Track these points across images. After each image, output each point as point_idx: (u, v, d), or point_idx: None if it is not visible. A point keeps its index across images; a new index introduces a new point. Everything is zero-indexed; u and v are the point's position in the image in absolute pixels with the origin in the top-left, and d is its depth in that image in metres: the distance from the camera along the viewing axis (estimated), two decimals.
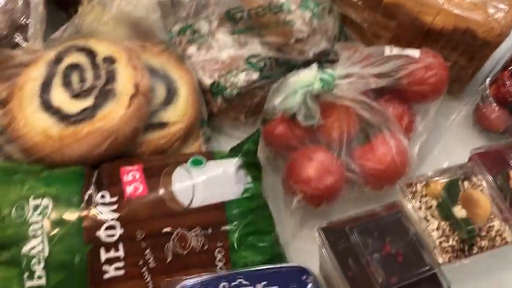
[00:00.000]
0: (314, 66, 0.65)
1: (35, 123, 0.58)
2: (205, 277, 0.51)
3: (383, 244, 0.54)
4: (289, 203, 0.67)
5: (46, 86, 0.60)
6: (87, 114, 0.58)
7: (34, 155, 0.58)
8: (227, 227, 0.55)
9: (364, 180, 0.65)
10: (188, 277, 0.51)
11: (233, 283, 0.51)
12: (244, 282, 0.52)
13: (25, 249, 0.50)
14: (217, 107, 0.70)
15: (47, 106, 0.59)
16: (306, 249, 0.63)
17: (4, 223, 0.51)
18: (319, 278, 0.58)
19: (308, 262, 0.59)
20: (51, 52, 0.63)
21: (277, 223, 0.62)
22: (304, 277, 0.53)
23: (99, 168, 0.57)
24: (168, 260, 0.53)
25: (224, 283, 0.51)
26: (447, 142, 0.78)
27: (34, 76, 0.61)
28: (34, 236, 0.51)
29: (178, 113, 0.64)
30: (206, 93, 0.70)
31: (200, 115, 0.67)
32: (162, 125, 0.63)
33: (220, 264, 0.54)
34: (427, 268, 0.53)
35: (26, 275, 0.50)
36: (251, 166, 0.60)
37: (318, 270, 0.63)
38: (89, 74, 0.61)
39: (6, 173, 0.54)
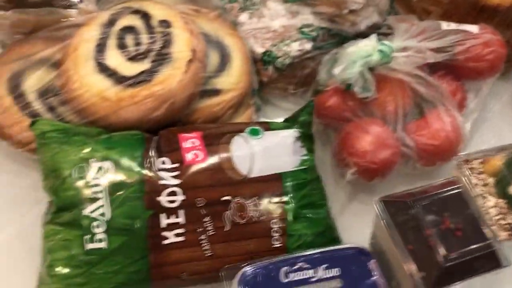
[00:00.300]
0: (373, 37, 0.63)
1: (90, 85, 0.57)
2: (265, 262, 0.51)
3: (442, 218, 0.54)
4: (340, 177, 0.67)
5: (100, 48, 0.59)
6: (144, 78, 0.57)
7: (89, 117, 0.57)
8: (284, 199, 0.54)
9: (418, 156, 0.64)
10: (249, 263, 0.51)
11: (294, 267, 0.51)
12: (305, 266, 0.51)
13: (86, 211, 0.50)
14: (268, 76, 0.68)
15: (103, 68, 0.58)
16: (353, 224, 0.63)
17: (65, 184, 0.51)
18: None
19: (355, 237, 0.60)
20: (104, 14, 0.61)
21: None
22: (364, 258, 0.53)
23: (157, 134, 0.56)
24: (226, 228, 0.52)
25: (285, 268, 0.51)
26: (494, 122, 0.76)
27: (88, 37, 0.59)
28: (95, 199, 0.50)
29: (232, 81, 0.63)
30: (256, 62, 0.68)
31: (251, 84, 0.66)
32: (216, 92, 0.62)
33: (276, 236, 0.54)
34: (487, 244, 0.52)
35: (87, 237, 0.50)
36: (306, 138, 0.59)
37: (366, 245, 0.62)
38: (144, 37, 0.60)
39: (66, 134, 0.53)
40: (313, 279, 0.52)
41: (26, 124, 0.58)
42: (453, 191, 0.56)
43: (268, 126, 0.58)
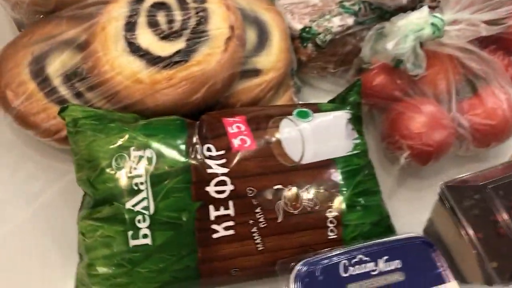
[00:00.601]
0: (425, 9, 0.58)
1: (122, 67, 0.52)
2: (322, 255, 0.47)
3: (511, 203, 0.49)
4: (388, 162, 0.62)
5: (130, 27, 0.54)
6: (180, 58, 0.52)
7: (121, 102, 0.52)
8: (338, 186, 0.50)
9: (472, 136, 0.59)
10: (305, 256, 0.47)
11: (353, 260, 0.47)
12: (365, 259, 0.48)
13: (128, 204, 0.46)
14: (306, 55, 0.63)
15: (135, 48, 0.53)
16: (402, 212, 0.59)
17: (104, 176, 0.46)
18: None
19: (406, 226, 0.55)
20: None
21: None
22: (426, 249, 0.49)
23: (196, 119, 0.51)
24: (279, 220, 0.48)
25: (344, 261, 0.47)
26: None
27: (117, 15, 0.54)
28: (138, 191, 0.46)
29: (272, 59, 0.58)
30: (293, 40, 0.63)
31: (291, 63, 0.61)
32: (256, 72, 0.57)
33: (331, 226, 0.50)
34: None
35: (130, 233, 0.45)
36: (357, 119, 0.55)
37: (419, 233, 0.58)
38: (177, 14, 0.54)
39: (100, 120, 0.49)
40: (374, 273, 0.49)
41: (53, 111, 0.53)
42: None
43: (317, 108, 0.53)
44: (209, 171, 0.47)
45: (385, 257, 0.49)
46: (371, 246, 0.49)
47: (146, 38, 0.54)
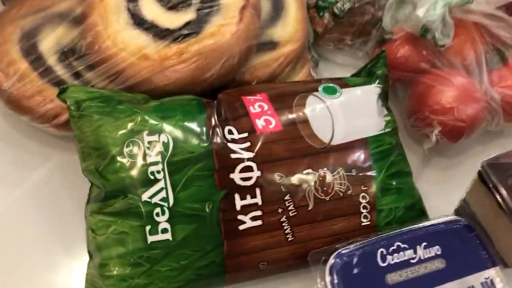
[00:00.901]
0: None
1: (126, 42, 0.46)
2: (358, 244, 0.44)
3: None
4: (412, 139, 0.58)
5: None
6: (191, 30, 0.46)
7: (126, 81, 0.47)
8: (372, 168, 0.46)
9: (503, 110, 0.56)
10: (340, 245, 0.43)
11: (391, 248, 0.44)
12: (403, 246, 0.44)
13: (145, 196, 0.40)
14: (323, 25, 0.58)
15: (139, 20, 0.47)
16: (430, 193, 0.55)
17: (115, 165, 0.41)
18: None
19: (432, 206, 0.52)
20: None
21: None
22: (465, 232, 0.46)
23: (216, 98, 0.46)
24: (310, 207, 0.43)
25: (381, 249, 0.43)
26: None
27: None
28: (155, 181, 0.41)
29: (289, 30, 0.53)
30: (309, 9, 0.58)
31: (309, 34, 0.56)
32: (272, 45, 0.52)
33: (364, 212, 0.45)
34: None
35: (148, 228, 0.40)
36: (385, 95, 0.50)
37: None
38: None
39: (107, 102, 0.43)
40: (413, 261, 0.45)
41: (50, 93, 0.47)
42: None
43: (344, 82, 0.48)
44: (233, 156, 0.42)
45: (424, 243, 0.45)
46: (408, 231, 0.46)
47: (151, 8, 0.48)
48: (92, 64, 0.48)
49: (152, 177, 0.41)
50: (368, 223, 0.46)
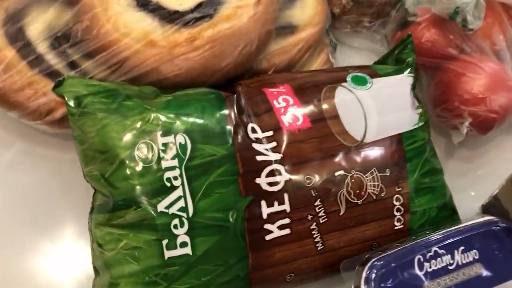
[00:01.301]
0: None
1: (129, 26, 0.41)
2: (394, 250, 0.40)
3: None
4: (435, 130, 0.54)
5: None
6: (204, 12, 0.41)
7: (130, 72, 0.41)
8: (407, 167, 0.42)
9: None
10: (373, 254, 0.39)
11: (428, 255, 0.40)
12: (440, 251, 0.41)
13: (160, 206, 0.35)
14: (341, 6, 0.53)
15: (143, 1, 0.41)
16: (454, 185, 0.51)
17: (124, 171, 0.36)
18: None
19: (459, 201, 0.48)
20: None
21: None
22: (504, 234, 0.42)
23: (234, 90, 0.41)
24: (341, 212, 0.39)
25: (419, 256, 0.40)
26: None
27: None
28: (172, 188, 0.35)
29: (309, 12, 0.47)
30: None
31: (328, 17, 0.51)
32: (291, 29, 0.46)
33: (397, 215, 0.42)
34: None
35: (165, 242, 0.35)
36: (415, 84, 0.46)
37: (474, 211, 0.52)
38: None
39: (114, 97, 0.37)
40: (452, 267, 0.41)
41: (42, 85, 0.42)
42: None
43: (373, 71, 0.44)
44: (259, 158, 0.37)
45: (462, 248, 0.42)
46: (446, 235, 0.42)
47: None
48: (90, 52, 0.42)
49: (168, 184, 0.35)
50: (401, 226, 0.42)
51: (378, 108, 0.41)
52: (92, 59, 0.42)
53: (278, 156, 0.38)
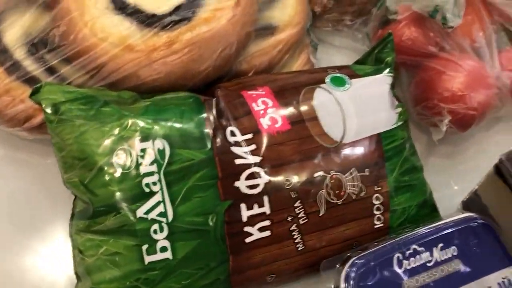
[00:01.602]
0: None
1: (106, 30, 0.41)
2: (373, 249, 0.40)
3: None
4: (416, 127, 0.55)
5: None
6: (182, 15, 0.41)
7: (108, 77, 0.41)
8: (386, 166, 0.42)
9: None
10: (353, 253, 0.40)
11: (407, 253, 0.41)
12: (419, 249, 0.41)
13: (140, 212, 0.36)
14: (322, 5, 0.53)
15: (120, 4, 0.41)
16: (435, 182, 0.52)
17: (103, 177, 0.36)
18: None
19: (437, 198, 0.49)
20: None
21: None
22: (483, 230, 0.43)
23: (213, 94, 0.41)
24: (321, 213, 0.40)
25: (398, 254, 0.40)
26: None
27: None
28: (151, 194, 0.36)
29: (288, 13, 0.48)
30: None
31: (309, 17, 0.51)
32: (270, 30, 0.47)
33: (377, 214, 0.42)
34: None
35: (145, 247, 0.36)
36: (394, 83, 0.46)
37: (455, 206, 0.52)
38: None
39: (91, 104, 0.37)
40: (430, 264, 0.42)
41: (20, 92, 0.42)
42: None
43: (352, 72, 0.44)
44: (237, 161, 0.37)
45: (440, 245, 0.42)
46: (425, 233, 0.42)
47: None
48: (68, 57, 0.42)
49: (147, 190, 0.36)
50: (381, 225, 0.42)
51: (357, 109, 0.41)
52: (70, 64, 0.42)
53: (257, 159, 0.38)
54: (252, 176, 0.38)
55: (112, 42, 0.41)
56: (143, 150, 0.36)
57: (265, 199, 0.38)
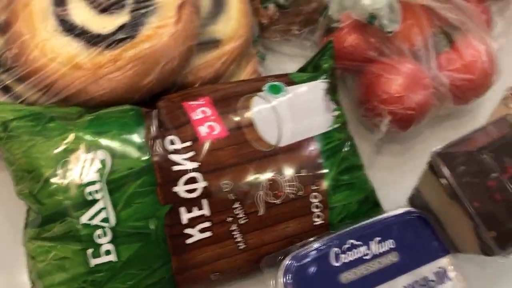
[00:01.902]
0: None
1: (55, 50, 0.43)
2: (311, 245, 0.43)
3: (504, 166, 0.46)
4: (364, 128, 0.58)
5: (60, 0, 0.45)
6: (125, 34, 0.44)
7: (59, 93, 0.44)
8: (322, 167, 0.45)
9: (452, 94, 0.55)
10: (293, 248, 0.42)
11: (344, 247, 0.43)
12: (356, 243, 0.44)
13: (84, 218, 0.39)
14: (268, 17, 0.56)
15: (68, 26, 0.44)
16: (384, 181, 0.55)
17: (49, 188, 0.39)
18: None
19: (386, 195, 0.52)
20: None
21: None
22: (419, 223, 0.46)
23: (155, 106, 0.44)
24: (261, 213, 0.42)
25: (334, 249, 0.43)
26: None
27: None
28: (93, 201, 0.39)
29: (232, 26, 0.50)
30: (252, 1, 0.56)
31: (253, 29, 0.54)
32: (215, 43, 0.49)
33: (316, 211, 0.45)
34: None
35: (90, 251, 0.39)
36: (333, 88, 0.49)
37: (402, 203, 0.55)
38: None
39: (38, 120, 0.40)
40: (367, 257, 0.45)
41: None
42: (510, 133, 0.48)
43: (289, 79, 0.47)
44: (175, 168, 0.40)
45: (378, 238, 0.45)
46: (361, 228, 0.45)
47: (81, 12, 0.45)
48: (20, 77, 0.45)
49: (90, 198, 0.39)
50: (322, 222, 0.45)
51: (292, 114, 0.44)
52: (24, 83, 0.45)
53: (195, 165, 0.41)
54: (190, 181, 0.40)
55: (61, 61, 0.43)
56: (86, 161, 0.39)
57: (204, 202, 0.41)
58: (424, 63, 0.54)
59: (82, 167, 0.39)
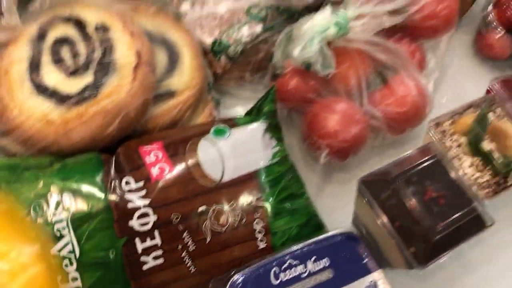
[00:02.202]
0: (328, 9, 0.60)
1: (31, 110, 0.52)
2: (253, 266, 0.48)
3: (424, 189, 0.52)
4: (312, 160, 0.65)
5: (35, 67, 0.53)
6: (89, 93, 0.52)
7: (36, 145, 0.52)
8: (262, 197, 0.52)
9: (387, 126, 0.62)
10: (238, 269, 0.48)
11: (283, 266, 0.49)
12: (294, 262, 0.49)
13: (54, 250, 0.46)
14: (221, 68, 0.64)
15: (42, 89, 0.52)
16: (331, 206, 0.61)
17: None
18: None
19: (336, 220, 0.58)
20: (32, 28, 0.55)
21: None
22: (351, 243, 0.51)
23: (115, 152, 0.51)
24: (208, 240, 0.49)
25: (274, 269, 0.48)
26: (455, 78, 0.75)
27: (18, 57, 0.53)
28: (61, 236, 0.46)
29: (185, 79, 0.58)
30: (206, 54, 0.64)
31: (206, 79, 0.62)
32: (170, 94, 0.57)
33: (259, 236, 0.51)
34: (471, 208, 0.52)
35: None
36: (274, 127, 0.56)
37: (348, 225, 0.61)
38: (81, 47, 0.54)
39: (14, 170, 0.48)
40: (304, 275, 0.51)
41: None
42: (430, 159, 0.55)
43: (234, 122, 0.54)
44: (130, 205, 0.47)
45: (314, 257, 0.51)
46: (299, 248, 0.51)
47: (52, 76, 0.53)
48: (3, 132, 0.53)
49: (58, 234, 0.46)
50: (265, 245, 0.52)
51: (234, 153, 0.52)
52: (6, 138, 0.53)
53: (146, 202, 0.48)
54: (142, 216, 0.48)
55: (35, 118, 0.51)
56: (54, 203, 0.47)
57: (156, 233, 0.48)
58: (357, 101, 0.61)
59: (51, 208, 0.46)
